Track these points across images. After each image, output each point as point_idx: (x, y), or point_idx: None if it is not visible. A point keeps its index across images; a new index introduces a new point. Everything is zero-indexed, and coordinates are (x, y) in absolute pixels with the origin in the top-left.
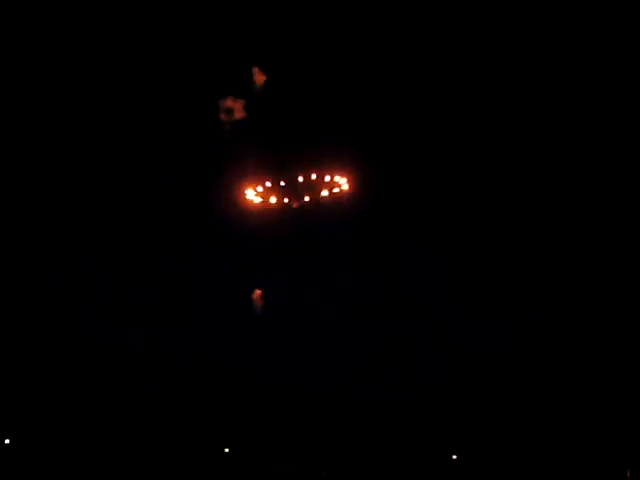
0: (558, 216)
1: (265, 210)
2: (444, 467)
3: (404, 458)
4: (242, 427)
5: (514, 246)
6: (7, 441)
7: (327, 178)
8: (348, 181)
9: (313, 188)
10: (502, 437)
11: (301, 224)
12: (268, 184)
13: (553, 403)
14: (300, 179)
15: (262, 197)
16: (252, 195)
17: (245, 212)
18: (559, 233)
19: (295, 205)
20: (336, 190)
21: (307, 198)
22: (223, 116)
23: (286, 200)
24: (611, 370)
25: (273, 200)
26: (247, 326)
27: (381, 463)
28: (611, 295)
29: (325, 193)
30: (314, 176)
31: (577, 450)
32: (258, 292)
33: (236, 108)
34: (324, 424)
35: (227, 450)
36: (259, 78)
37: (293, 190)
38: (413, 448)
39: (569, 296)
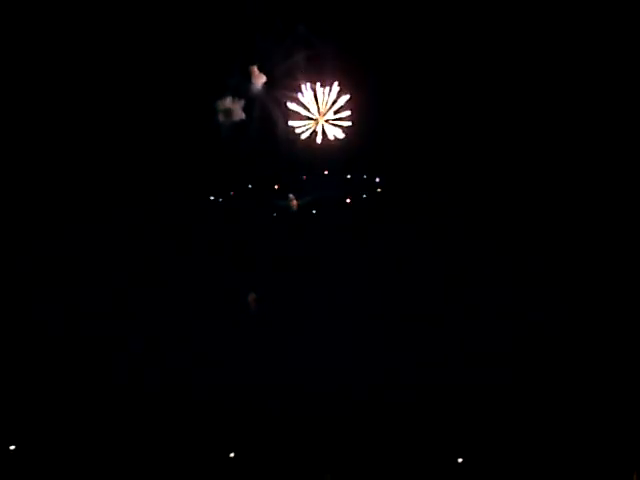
0: (559, 217)
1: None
2: (449, 469)
3: (408, 460)
4: (243, 429)
5: (515, 246)
6: (12, 447)
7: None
8: (384, 180)
9: (325, 187)
10: (504, 438)
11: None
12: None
13: (557, 404)
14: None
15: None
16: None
17: (242, 210)
18: (559, 233)
19: (294, 204)
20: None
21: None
22: (221, 117)
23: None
24: (614, 371)
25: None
26: (247, 327)
27: (386, 465)
28: (611, 295)
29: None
30: (326, 173)
31: (582, 452)
32: (258, 294)
33: (235, 109)
34: (327, 425)
35: (231, 455)
36: (258, 79)
37: (297, 190)
38: (417, 450)
39: (569, 296)
